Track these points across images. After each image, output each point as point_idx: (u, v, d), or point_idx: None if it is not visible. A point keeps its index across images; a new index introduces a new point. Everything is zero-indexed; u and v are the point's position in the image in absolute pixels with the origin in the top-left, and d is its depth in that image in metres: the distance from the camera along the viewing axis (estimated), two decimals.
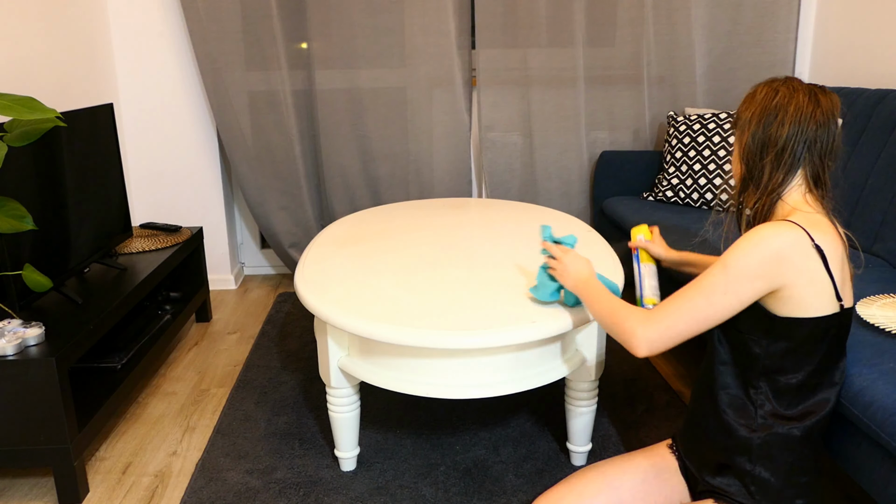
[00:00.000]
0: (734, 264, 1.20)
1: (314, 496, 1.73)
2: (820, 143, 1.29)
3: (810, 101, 1.28)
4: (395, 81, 3.06)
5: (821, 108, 1.28)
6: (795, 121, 1.28)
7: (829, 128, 1.29)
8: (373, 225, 2.31)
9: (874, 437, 1.30)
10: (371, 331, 1.52)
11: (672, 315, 1.24)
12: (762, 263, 1.19)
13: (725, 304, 1.21)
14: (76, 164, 2.12)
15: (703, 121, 2.77)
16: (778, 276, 1.19)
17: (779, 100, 1.29)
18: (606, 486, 1.42)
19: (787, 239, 1.19)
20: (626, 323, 1.29)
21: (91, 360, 2.10)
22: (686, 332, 1.24)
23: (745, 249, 1.20)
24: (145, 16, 2.94)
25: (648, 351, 1.26)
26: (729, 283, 1.20)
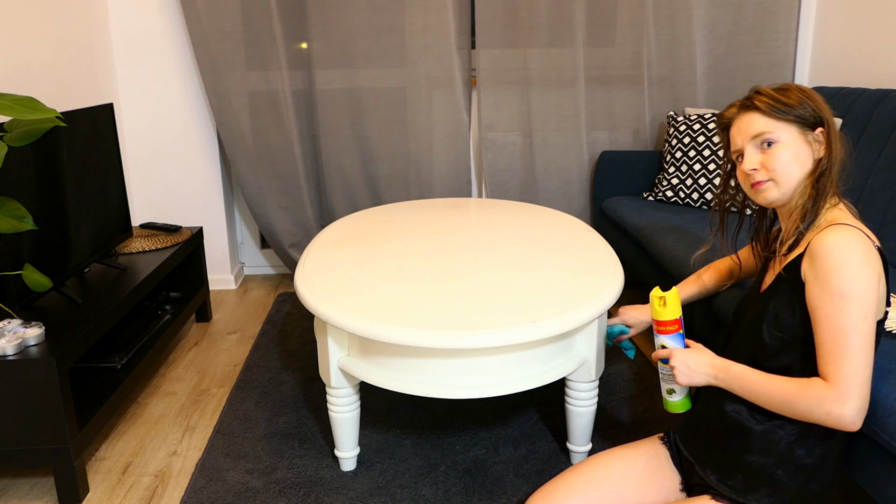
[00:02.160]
0: (850, 286, 1.15)
1: (314, 496, 1.73)
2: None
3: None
4: (395, 81, 3.06)
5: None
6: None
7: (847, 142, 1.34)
8: (373, 225, 2.31)
9: (874, 438, 1.30)
10: (371, 331, 1.52)
11: (851, 373, 1.16)
12: (864, 269, 1.16)
13: (871, 327, 1.16)
14: (76, 164, 2.12)
15: (704, 121, 2.77)
16: (876, 274, 1.17)
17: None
18: (598, 476, 1.43)
19: (861, 238, 1.17)
20: (815, 409, 1.18)
21: (91, 360, 2.10)
22: (869, 374, 1.17)
23: (846, 265, 1.16)
24: (145, 16, 2.94)
25: (861, 418, 1.16)
26: (861, 306, 1.16)
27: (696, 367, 1.34)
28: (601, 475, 1.44)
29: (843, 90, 2.55)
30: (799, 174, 1.29)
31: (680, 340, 1.42)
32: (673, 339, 1.41)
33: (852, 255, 1.15)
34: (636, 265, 2.64)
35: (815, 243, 1.20)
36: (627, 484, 1.42)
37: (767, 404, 1.24)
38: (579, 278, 1.77)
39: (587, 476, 1.44)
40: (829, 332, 1.17)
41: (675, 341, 1.41)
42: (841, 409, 1.15)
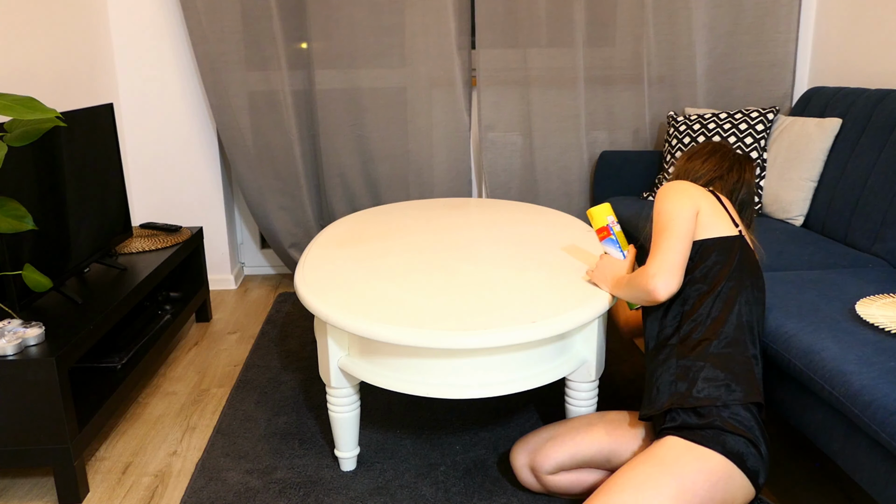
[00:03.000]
0: (662, 210, 1.54)
1: (314, 496, 1.73)
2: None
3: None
4: (395, 81, 3.06)
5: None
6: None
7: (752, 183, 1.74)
8: (373, 225, 2.31)
9: (874, 437, 1.30)
10: (371, 331, 1.52)
11: (660, 252, 1.50)
12: (677, 190, 1.56)
13: (685, 219, 1.51)
14: (76, 164, 2.12)
15: (704, 121, 2.77)
16: (691, 199, 1.54)
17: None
18: (578, 425, 1.64)
19: (682, 182, 1.61)
20: (638, 284, 1.53)
21: (91, 360, 2.10)
22: (678, 258, 1.49)
23: (663, 197, 1.56)
24: (145, 16, 2.94)
25: (666, 290, 1.49)
26: (667, 219, 1.52)
27: (602, 272, 1.70)
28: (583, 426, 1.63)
29: (843, 90, 2.55)
30: None
31: (612, 244, 1.70)
32: (606, 243, 1.71)
33: (670, 187, 1.59)
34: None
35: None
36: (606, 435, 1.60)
37: (625, 297, 1.60)
38: (579, 278, 1.77)
39: (569, 425, 1.65)
40: (653, 240, 1.54)
41: (608, 245, 1.71)
42: (652, 283, 1.49)
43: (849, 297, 1.73)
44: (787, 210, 2.52)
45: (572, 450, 1.58)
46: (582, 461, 1.59)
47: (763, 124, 2.65)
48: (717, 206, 1.56)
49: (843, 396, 1.36)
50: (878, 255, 2.11)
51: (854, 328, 1.54)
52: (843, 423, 1.43)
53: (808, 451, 1.90)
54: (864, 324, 1.56)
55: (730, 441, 1.36)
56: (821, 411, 1.50)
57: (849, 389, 1.35)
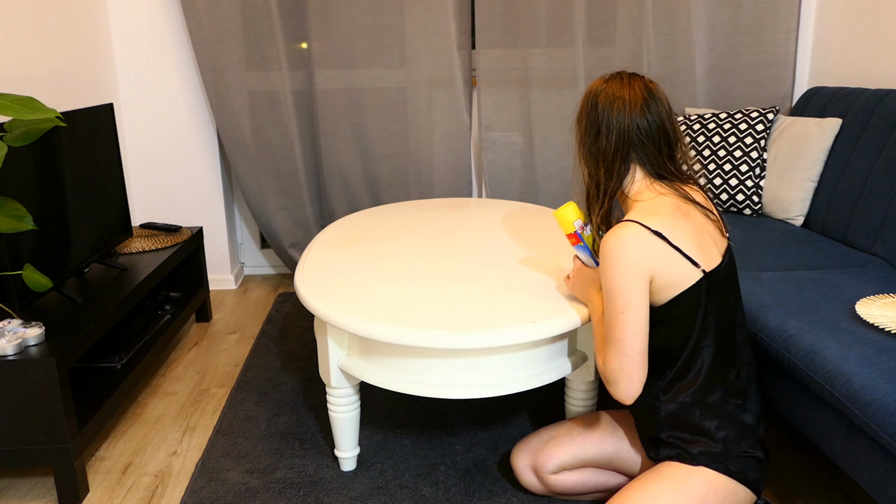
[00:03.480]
0: (608, 287, 1.33)
1: (314, 496, 1.73)
2: (645, 135, 1.37)
3: (618, 96, 1.37)
4: (395, 81, 3.06)
5: (630, 98, 1.37)
6: (615, 121, 1.37)
7: (648, 117, 1.36)
8: (373, 225, 2.31)
9: (874, 437, 1.30)
10: (371, 331, 1.52)
11: (612, 361, 1.35)
12: (623, 270, 1.30)
13: (634, 320, 1.32)
14: (76, 164, 2.12)
15: (704, 121, 2.77)
16: (641, 271, 1.31)
17: (599, 103, 1.40)
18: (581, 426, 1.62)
19: (626, 241, 1.29)
20: (603, 372, 1.39)
21: (91, 360, 2.10)
22: (630, 363, 1.34)
23: (606, 269, 1.33)
24: (145, 16, 2.94)
25: (630, 395, 1.36)
26: (617, 303, 1.32)
27: (577, 285, 1.56)
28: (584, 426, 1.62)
29: (843, 90, 2.55)
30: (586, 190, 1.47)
31: (583, 251, 1.54)
32: (577, 249, 1.55)
33: (614, 257, 1.31)
34: None
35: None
36: (608, 436, 1.59)
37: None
38: None
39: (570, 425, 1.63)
40: (606, 322, 1.37)
41: (580, 252, 1.55)
42: (614, 391, 1.36)
43: (849, 297, 1.73)
44: (787, 210, 2.52)
45: (575, 449, 1.58)
46: (584, 461, 1.59)
47: (763, 124, 2.65)
48: (668, 254, 1.31)
49: (844, 396, 1.36)
50: (878, 255, 2.11)
51: (854, 328, 1.54)
52: (844, 423, 1.43)
53: (809, 450, 1.90)
54: (864, 324, 1.56)
55: (732, 463, 1.38)
56: (821, 411, 1.50)
57: (849, 389, 1.35)
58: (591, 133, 1.40)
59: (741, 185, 2.62)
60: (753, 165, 2.62)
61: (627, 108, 1.36)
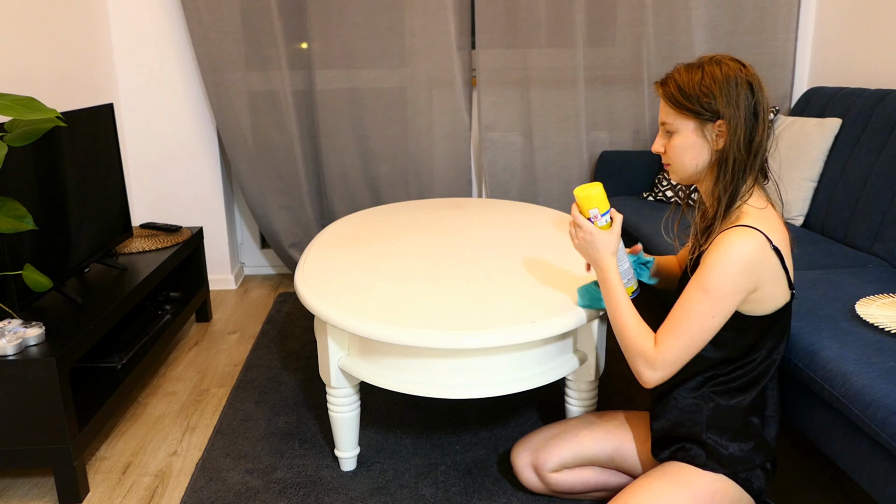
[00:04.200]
0: (715, 287, 1.25)
1: (314, 496, 1.73)
2: (765, 122, 1.31)
3: (742, 73, 1.30)
4: (395, 81, 3.06)
5: (752, 75, 1.30)
6: (767, 107, 1.30)
7: (764, 103, 1.31)
8: (373, 225, 2.31)
9: (874, 437, 1.30)
10: (371, 331, 1.52)
11: (673, 352, 1.30)
12: (738, 278, 1.25)
13: (716, 325, 1.29)
14: (76, 165, 2.12)
15: None
16: (751, 283, 1.26)
17: (754, 86, 1.30)
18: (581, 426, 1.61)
19: (754, 247, 1.25)
20: (633, 360, 1.35)
21: (91, 360, 2.10)
22: (687, 359, 1.32)
23: (721, 269, 1.25)
24: (145, 16, 2.94)
25: (657, 383, 1.35)
26: (714, 306, 1.26)
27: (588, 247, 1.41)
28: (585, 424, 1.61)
29: (843, 90, 2.55)
30: (692, 165, 1.36)
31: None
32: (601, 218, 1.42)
33: (732, 262, 1.24)
34: None
35: (714, 243, 1.28)
36: (610, 434, 1.58)
37: (613, 326, 1.39)
38: (579, 278, 1.77)
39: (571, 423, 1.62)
40: (679, 310, 1.29)
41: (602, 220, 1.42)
42: (649, 374, 1.32)
43: (849, 297, 1.73)
44: (787, 210, 2.52)
45: (575, 447, 1.57)
46: (585, 459, 1.58)
47: None
48: (778, 273, 1.28)
49: (843, 396, 1.36)
50: (878, 255, 2.11)
51: (854, 328, 1.54)
52: (843, 423, 1.43)
53: (809, 450, 1.90)
54: (864, 324, 1.56)
55: (740, 470, 1.38)
56: (821, 411, 1.50)
57: (849, 389, 1.35)
58: (748, 123, 1.28)
59: None
60: None
61: (766, 93, 1.31)
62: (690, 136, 1.33)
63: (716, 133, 1.32)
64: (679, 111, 1.33)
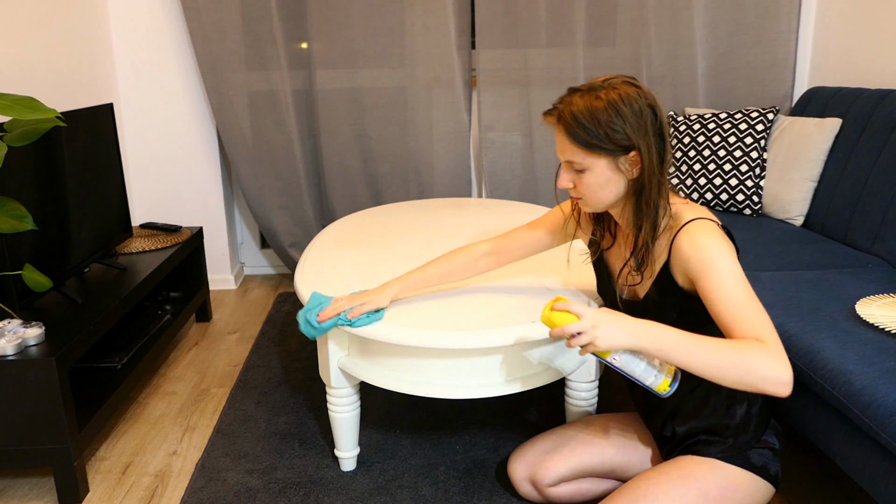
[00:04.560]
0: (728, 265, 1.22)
1: (314, 496, 1.73)
2: (668, 139, 1.31)
3: (637, 90, 1.30)
4: (395, 81, 3.06)
5: (650, 96, 1.30)
6: (666, 123, 1.31)
7: (665, 120, 1.32)
8: (373, 225, 2.31)
9: (874, 437, 1.30)
10: (371, 331, 1.52)
11: (773, 332, 1.17)
12: (731, 253, 1.24)
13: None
14: (76, 165, 2.12)
15: (704, 121, 2.77)
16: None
17: (656, 109, 1.30)
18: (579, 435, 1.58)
19: (717, 230, 1.26)
20: (759, 372, 1.12)
21: (91, 360, 2.10)
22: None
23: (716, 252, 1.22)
24: (145, 16, 2.94)
25: (790, 383, 1.14)
26: (743, 279, 1.22)
27: (618, 328, 1.18)
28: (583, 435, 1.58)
29: (843, 90, 2.55)
30: (609, 197, 1.32)
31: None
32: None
33: (718, 241, 1.23)
34: None
35: (682, 246, 1.26)
36: (608, 445, 1.54)
37: (700, 368, 1.15)
38: (579, 278, 1.77)
39: (568, 434, 1.59)
40: (734, 304, 1.18)
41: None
42: (783, 369, 1.12)
43: (849, 297, 1.73)
44: (787, 210, 2.52)
45: (573, 462, 1.53)
46: (584, 472, 1.55)
47: (763, 124, 2.65)
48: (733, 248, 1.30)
49: (844, 396, 1.36)
50: (878, 255, 2.11)
51: (854, 328, 1.54)
52: (844, 423, 1.43)
53: (809, 450, 1.90)
54: (864, 324, 1.56)
55: (753, 456, 1.36)
56: (821, 411, 1.50)
57: (849, 389, 1.35)
58: (658, 146, 1.27)
59: (741, 185, 2.62)
60: (753, 165, 2.62)
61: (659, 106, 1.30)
62: (604, 172, 1.29)
63: (629, 164, 1.28)
64: (588, 151, 1.27)
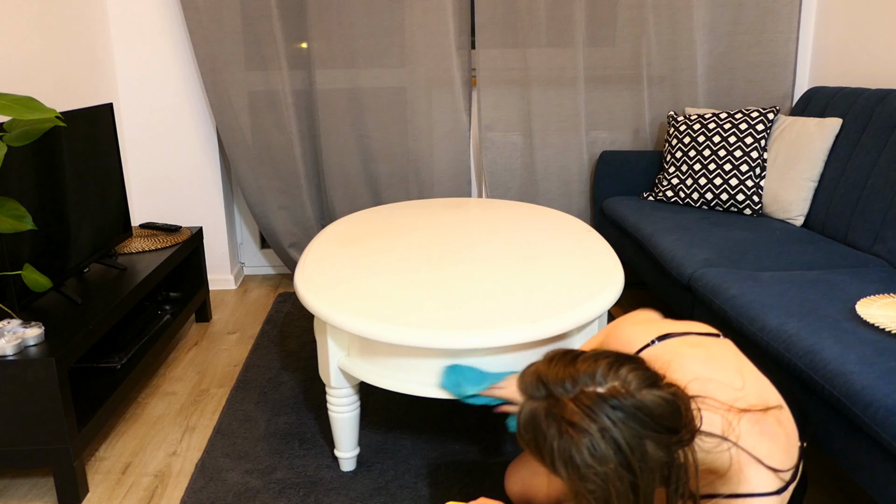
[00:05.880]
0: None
1: (314, 496, 1.73)
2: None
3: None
4: (395, 81, 3.06)
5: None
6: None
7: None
8: (373, 225, 2.31)
9: (874, 437, 1.30)
10: (371, 331, 1.52)
11: None
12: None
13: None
14: (76, 164, 2.12)
15: (704, 120, 2.77)
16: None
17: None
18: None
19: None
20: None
21: (91, 360, 2.10)
22: None
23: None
24: (145, 16, 2.94)
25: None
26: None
27: None
28: None
29: (844, 90, 2.55)
30: None
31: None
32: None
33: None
34: (636, 265, 2.64)
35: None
36: None
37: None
38: (579, 278, 1.77)
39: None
40: None
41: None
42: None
43: (849, 297, 1.73)
44: (787, 210, 2.52)
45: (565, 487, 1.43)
46: None
47: (763, 124, 2.65)
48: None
49: (844, 396, 1.36)
50: (878, 255, 2.11)
51: (854, 328, 1.54)
52: (844, 424, 1.42)
53: (809, 450, 1.90)
54: (864, 324, 1.56)
55: None
56: (821, 411, 1.50)
57: (849, 389, 1.35)
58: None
59: (741, 185, 2.62)
60: (753, 165, 2.62)
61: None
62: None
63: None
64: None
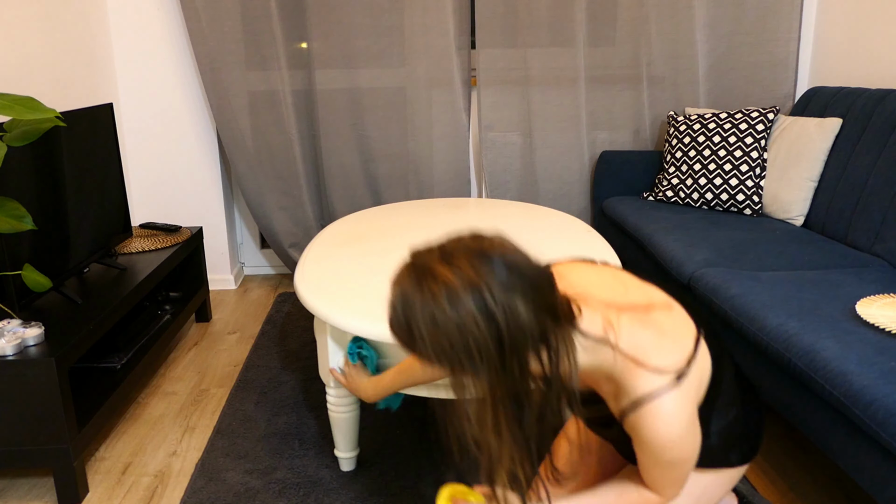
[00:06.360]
0: (686, 460, 1.09)
1: (314, 496, 1.73)
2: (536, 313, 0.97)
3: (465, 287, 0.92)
4: (394, 81, 3.06)
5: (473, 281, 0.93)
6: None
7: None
8: (373, 225, 2.31)
9: (874, 437, 1.30)
10: (371, 331, 1.51)
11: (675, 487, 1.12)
12: (696, 438, 1.10)
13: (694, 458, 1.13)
14: (76, 164, 2.12)
15: (704, 121, 2.77)
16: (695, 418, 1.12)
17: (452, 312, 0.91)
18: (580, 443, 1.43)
19: (685, 399, 1.10)
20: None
21: (91, 360, 2.10)
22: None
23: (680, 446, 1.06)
24: (145, 16, 2.94)
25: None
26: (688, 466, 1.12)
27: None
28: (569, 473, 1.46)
29: (844, 90, 2.55)
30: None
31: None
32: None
33: (678, 433, 1.03)
34: (636, 265, 2.64)
35: (634, 428, 1.06)
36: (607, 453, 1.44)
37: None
38: None
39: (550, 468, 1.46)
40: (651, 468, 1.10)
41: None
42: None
43: (849, 297, 1.73)
44: (787, 210, 2.52)
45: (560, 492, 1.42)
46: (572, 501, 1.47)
47: (763, 124, 2.65)
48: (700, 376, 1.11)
49: (844, 396, 1.36)
50: (878, 255, 2.11)
51: (854, 328, 1.54)
52: (844, 424, 1.42)
53: (808, 450, 1.90)
54: (864, 324, 1.56)
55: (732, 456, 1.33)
56: (821, 411, 1.50)
57: (849, 389, 1.35)
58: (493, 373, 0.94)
59: (741, 185, 2.62)
60: (753, 165, 2.62)
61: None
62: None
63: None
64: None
